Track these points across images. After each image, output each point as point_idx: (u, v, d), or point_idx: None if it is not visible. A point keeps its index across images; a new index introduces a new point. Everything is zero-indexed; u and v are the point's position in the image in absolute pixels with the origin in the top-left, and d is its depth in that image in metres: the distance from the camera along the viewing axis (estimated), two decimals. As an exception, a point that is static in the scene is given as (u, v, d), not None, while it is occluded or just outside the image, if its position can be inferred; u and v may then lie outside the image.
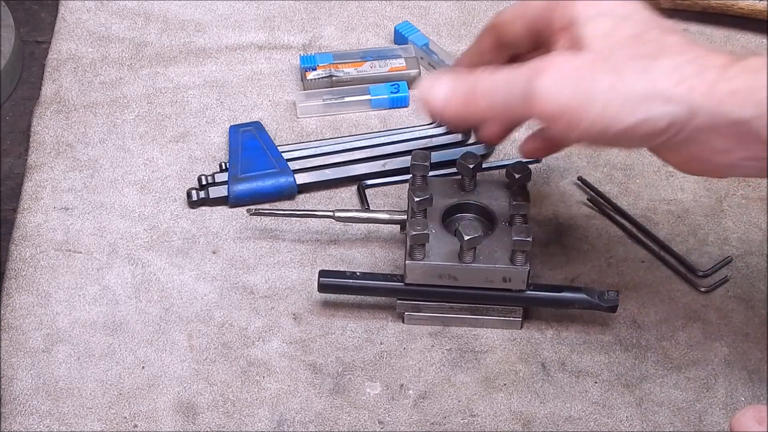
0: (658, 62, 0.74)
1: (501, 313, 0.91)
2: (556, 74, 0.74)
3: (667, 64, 0.74)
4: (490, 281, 0.88)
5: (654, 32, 0.76)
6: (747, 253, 0.97)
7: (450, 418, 0.87)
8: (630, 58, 0.74)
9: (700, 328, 0.92)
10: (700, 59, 0.74)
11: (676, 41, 0.76)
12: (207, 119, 1.06)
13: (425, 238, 0.86)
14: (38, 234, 0.97)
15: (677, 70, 0.74)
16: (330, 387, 0.89)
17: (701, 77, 0.73)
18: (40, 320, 0.92)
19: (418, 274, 0.89)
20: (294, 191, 1.00)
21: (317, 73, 1.07)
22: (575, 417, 0.88)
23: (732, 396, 0.89)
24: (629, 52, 0.75)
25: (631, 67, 0.74)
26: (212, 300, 0.93)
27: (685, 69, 0.74)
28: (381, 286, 0.90)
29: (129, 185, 1.01)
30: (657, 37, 0.76)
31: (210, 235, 0.97)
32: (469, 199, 0.91)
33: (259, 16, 1.14)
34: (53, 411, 0.87)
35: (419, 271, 0.88)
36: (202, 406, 0.87)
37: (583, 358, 0.91)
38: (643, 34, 0.76)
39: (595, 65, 0.74)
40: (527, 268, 0.87)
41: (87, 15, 1.13)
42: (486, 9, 1.15)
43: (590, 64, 0.74)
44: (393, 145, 1.03)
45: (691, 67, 0.74)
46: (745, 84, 0.73)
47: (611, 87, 0.73)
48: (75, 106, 1.06)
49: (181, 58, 1.10)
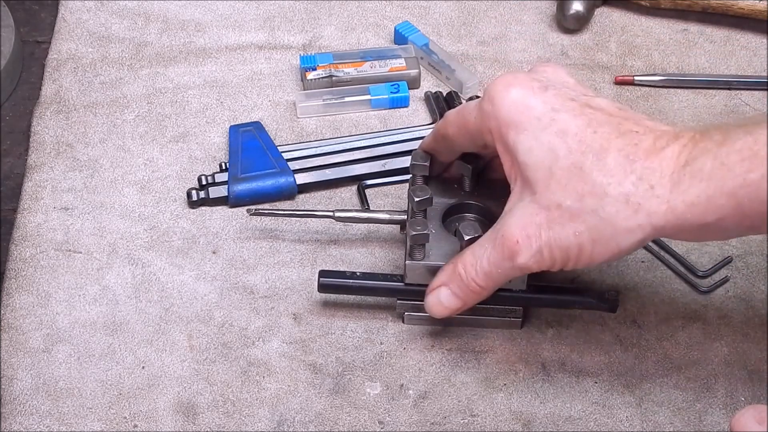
0: (608, 196, 0.76)
1: (501, 314, 0.91)
2: (529, 241, 0.79)
3: (618, 196, 0.76)
4: None
5: (591, 149, 0.77)
6: (747, 253, 0.97)
7: (450, 418, 0.87)
8: (582, 198, 0.77)
9: (700, 328, 0.92)
10: (646, 175, 0.76)
11: (613, 159, 0.77)
12: (207, 119, 1.06)
13: (425, 238, 0.86)
14: (38, 234, 0.97)
15: (628, 200, 0.76)
16: (330, 387, 0.89)
17: (656, 200, 0.76)
18: (40, 320, 0.92)
19: (418, 274, 0.88)
20: (294, 191, 1.00)
21: (317, 73, 1.07)
22: (575, 417, 0.88)
23: (732, 396, 0.88)
24: (579, 189, 0.77)
25: (588, 207, 0.77)
26: (212, 300, 0.93)
27: (637, 194, 0.76)
28: (381, 286, 0.90)
29: (129, 185, 1.01)
30: (597, 156, 0.77)
31: (210, 235, 0.97)
32: (469, 199, 0.91)
33: (259, 16, 1.14)
34: (53, 411, 0.87)
35: (419, 271, 0.88)
36: (202, 406, 0.87)
37: (583, 358, 0.91)
38: (584, 158, 0.77)
39: (555, 220, 0.78)
40: None
41: (87, 15, 1.13)
42: (486, 9, 1.15)
43: (551, 220, 0.79)
44: (393, 145, 1.03)
45: (641, 190, 0.76)
46: (700, 193, 0.75)
47: (577, 239, 0.78)
48: (75, 106, 1.06)
49: (181, 58, 1.10)
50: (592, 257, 0.79)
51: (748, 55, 1.12)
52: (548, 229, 0.79)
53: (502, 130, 0.81)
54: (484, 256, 0.83)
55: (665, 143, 0.77)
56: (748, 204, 0.74)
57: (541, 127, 0.79)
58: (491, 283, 0.84)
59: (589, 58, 1.12)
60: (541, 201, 0.79)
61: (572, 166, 0.78)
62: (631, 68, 1.11)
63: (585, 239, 0.78)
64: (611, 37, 1.14)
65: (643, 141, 0.77)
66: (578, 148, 0.78)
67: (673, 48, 1.13)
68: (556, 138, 0.78)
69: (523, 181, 0.80)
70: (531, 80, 0.81)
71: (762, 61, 1.12)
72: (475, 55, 1.11)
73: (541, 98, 0.80)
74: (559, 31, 1.14)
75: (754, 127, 0.74)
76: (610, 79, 1.10)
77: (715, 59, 1.12)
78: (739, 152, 0.74)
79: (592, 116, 0.79)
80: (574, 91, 0.81)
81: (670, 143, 0.76)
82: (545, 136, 0.79)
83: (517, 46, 1.13)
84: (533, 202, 0.79)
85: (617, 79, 1.10)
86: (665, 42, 1.13)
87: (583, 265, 0.79)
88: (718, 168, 0.74)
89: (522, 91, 0.80)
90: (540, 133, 0.79)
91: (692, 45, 1.13)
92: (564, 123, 0.79)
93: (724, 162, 0.74)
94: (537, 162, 0.79)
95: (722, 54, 1.12)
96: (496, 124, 0.81)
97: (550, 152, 0.78)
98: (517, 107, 0.80)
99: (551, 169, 0.78)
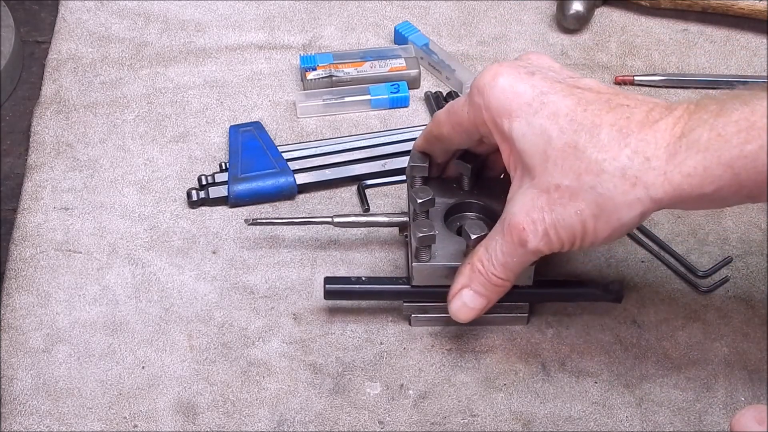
0: (605, 172, 0.76)
1: (507, 310, 0.91)
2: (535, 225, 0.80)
3: (614, 171, 0.76)
4: None
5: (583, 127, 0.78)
6: (747, 253, 0.97)
7: (450, 418, 0.87)
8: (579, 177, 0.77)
9: (700, 328, 0.92)
10: (641, 148, 0.76)
11: (606, 134, 0.77)
12: (207, 119, 1.06)
13: (432, 240, 0.86)
14: (38, 234, 0.97)
15: (625, 174, 0.76)
16: (330, 387, 0.89)
17: (652, 172, 0.76)
18: (40, 320, 0.92)
19: (425, 276, 0.88)
20: (294, 191, 1.00)
21: (317, 73, 1.07)
22: (575, 417, 0.88)
23: (732, 396, 0.89)
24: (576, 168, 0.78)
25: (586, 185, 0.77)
26: (212, 300, 0.93)
27: (633, 168, 0.76)
28: (388, 289, 0.90)
29: (129, 185, 1.01)
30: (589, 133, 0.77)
31: (210, 235, 0.97)
32: (469, 198, 0.91)
33: (259, 16, 1.14)
34: (53, 411, 0.87)
35: (426, 272, 0.88)
36: (202, 406, 0.87)
37: (583, 358, 0.91)
38: (577, 137, 0.78)
39: (556, 202, 0.79)
40: (532, 265, 0.87)
41: (87, 15, 1.13)
42: (486, 9, 1.15)
43: (552, 202, 0.79)
44: (393, 145, 1.03)
45: (637, 163, 0.76)
46: (696, 165, 0.75)
47: (580, 217, 0.78)
48: (75, 106, 1.06)
49: (181, 58, 1.10)
50: (596, 234, 0.79)
51: (748, 55, 1.12)
52: (551, 211, 0.79)
53: (495, 119, 0.81)
54: (497, 248, 0.83)
55: (658, 116, 0.77)
56: (746, 175, 0.74)
57: (532, 111, 0.79)
58: (511, 274, 0.84)
59: (589, 58, 1.12)
60: (540, 184, 0.79)
61: (566, 146, 0.78)
62: (631, 68, 1.11)
63: (587, 216, 0.78)
64: (611, 37, 1.14)
65: (635, 113, 0.77)
66: (570, 128, 0.78)
67: (673, 48, 1.13)
68: (548, 121, 0.79)
69: (522, 167, 0.81)
70: (517, 67, 0.81)
71: (762, 61, 1.12)
72: (475, 55, 1.11)
73: (529, 83, 0.80)
74: (559, 31, 1.14)
75: (751, 98, 0.74)
76: (610, 79, 1.10)
77: (715, 59, 1.12)
78: (735, 123, 0.73)
79: (581, 95, 0.79)
80: (560, 75, 0.82)
81: (664, 116, 0.77)
82: (537, 120, 0.79)
83: (517, 46, 1.13)
84: (533, 186, 0.80)
85: (617, 79, 1.10)
86: (665, 42, 1.13)
87: (589, 243, 0.79)
88: (715, 139, 0.74)
89: (509, 78, 0.81)
90: (532, 118, 0.79)
91: (692, 45, 1.13)
92: (554, 105, 0.79)
93: (721, 133, 0.74)
94: (532, 146, 0.79)
95: (722, 54, 1.12)
96: (489, 114, 0.81)
97: (543, 135, 0.79)
98: (506, 95, 0.80)
99: (546, 151, 0.79)
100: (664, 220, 0.99)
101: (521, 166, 0.81)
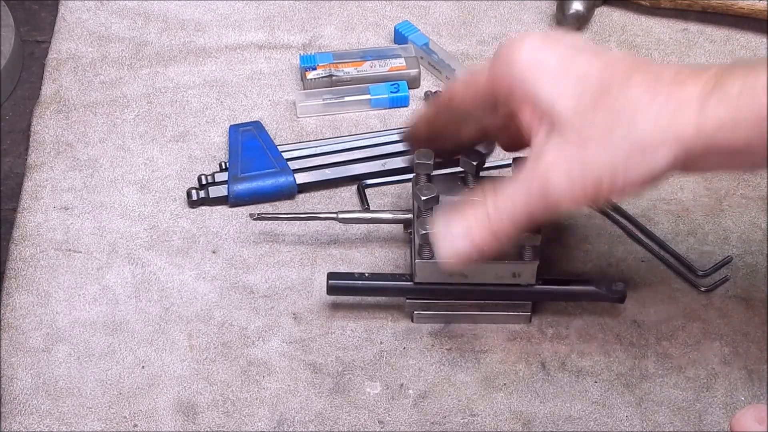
0: (638, 121, 0.76)
1: (510, 308, 0.91)
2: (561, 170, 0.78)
3: (646, 119, 0.76)
4: (499, 277, 0.88)
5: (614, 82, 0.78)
6: (747, 252, 0.97)
7: (450, 418, 0.87)
8: (611, 127, 0.77)
9: (700, 327, 0.92)
10: (673, 96, 0.76)
11: (637, 87, 0.77)
12: (207, 119, 1.06)
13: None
14: (38, 234, 0.97)
15: (658, 120, 0.76)
16: (330, 387, 0.89)
17: (684, 118, 0.75)
18: (40, 320, 0.92)
19: (428, 273, 0.88)
20: (294, 191, 1.00)
21: (317, 72, 1.07)
22: (575, 417, 0.88)
23: (732, 396, 0.89)
24: (607, 120, 0.77)
25: (618, 134, 0.76)
26: (212, 300, 0.93)
27: (664, 115, 0.75)
28: (390, 286, 0.90)
29: (129, 185, 1.01)
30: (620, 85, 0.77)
31: (210, 235, 0.97)
32: (473, 195, 0.91)
33: (259, 15, 1.14)
34: (53, 411, 0.87)
35: (429, 269, 0.88)
36: (202, 405, 0.87)
37: (583, 358, 0.91)
38: (607, 91, 0.77)
39: (586, 148, 0.77)
40: (536, 263, 0.88)
41: (87, 15, 1.13)
42: (486, 9, 1.15)
43: (582, 149, 0.77)
44: (393, 145, 1.03)
45: (669, 110, 0.75)
46: (727, 115, 0.74)
47: (611, 161, 0.77)
48: (75, 105, 1.06)
49: (181, 57, 1.10)
50: (625, 183, 0.77)
51: (748, 55, 1.12)
52: (581, 160, 0.78)
53: (517, 85, 0.80)
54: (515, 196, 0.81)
55: (686, 77, 0.77)
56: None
57: (559, 74, 0.79)
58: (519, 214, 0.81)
59: (589, 57, 1.12)
60: (569, 137, 0.78)
61: (597, 100, 0.77)
62: (631, 68, 1.11)
63: (618, 164, 0.77)
64: (611, 37, 1.14)
65: (663, 75, 0.77)
66: (599, 84, 0.78)
67: (673, 48, 1.13)
68: (576, 80, 0.78)
69: (549, 125, 0.79)
70: (542, 36, 0.81)
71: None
72: (475, 55, 1.11)
73: (553, 51, 0.80)
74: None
75: None
76: (610, 79, 1.10)
77: (715, 59, 1.12)
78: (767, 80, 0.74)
79: (607, 59, 0.79)
80: (585, 44, 0.82)
81: (692, 77, 0.76)
82: (566, 80, 0.79)
83: (517, 45, 1.12)
84: (562, 138, 0.78)
85: (617, 78, 1.09)
86: (665, 42, 1.13)
87: (617, 192, 0.78)
88: (747, 93, 0.74)
89: (535, 45, 0.80)
90: (560, 79, 0.79)
91: (692, 45, 1.13)
92: (581, 67, 0.79)
93: (753, 86, 0.74)
94: (561, 102, 0.78)
95: (722, 54, 1.12)
96: (510, 81, 0.80)
97: (572, 92, 0.78)
98: (530, 62, 0.80)
99: (576, 107, 0.78)
100: (664, 220, 0.99)
101: (547, 124, 0.80)
